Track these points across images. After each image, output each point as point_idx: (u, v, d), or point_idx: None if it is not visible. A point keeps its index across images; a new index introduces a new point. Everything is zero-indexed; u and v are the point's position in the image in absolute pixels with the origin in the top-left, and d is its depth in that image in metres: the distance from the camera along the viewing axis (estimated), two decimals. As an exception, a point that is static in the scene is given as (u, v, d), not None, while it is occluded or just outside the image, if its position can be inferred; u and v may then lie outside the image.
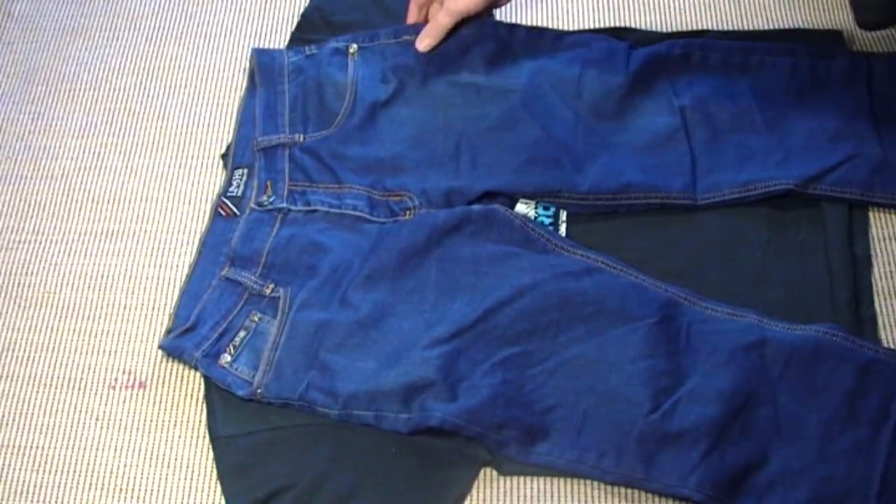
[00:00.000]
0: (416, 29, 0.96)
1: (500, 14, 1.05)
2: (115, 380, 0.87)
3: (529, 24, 1.03)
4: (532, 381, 0.77)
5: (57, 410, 0.86)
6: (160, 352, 0.85)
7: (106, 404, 0.86)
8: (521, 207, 0.88)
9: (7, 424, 0.86)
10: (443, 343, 0.78)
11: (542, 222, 0.87)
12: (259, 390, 0.79)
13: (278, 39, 1.06)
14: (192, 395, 0.85)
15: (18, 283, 0.94)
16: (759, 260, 0.85)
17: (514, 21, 1.04)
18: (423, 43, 0.94)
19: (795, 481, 0.72)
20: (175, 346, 0.83)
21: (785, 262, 0.85)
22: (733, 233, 0.87)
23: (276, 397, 0.79)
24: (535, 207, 0.88)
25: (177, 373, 0.86)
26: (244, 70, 1.04)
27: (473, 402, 0.75)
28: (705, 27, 1.02)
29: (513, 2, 1.06)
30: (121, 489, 0.81)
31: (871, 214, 0.88)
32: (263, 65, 0.97)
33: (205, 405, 0.83)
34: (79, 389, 0.87)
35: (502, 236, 0.84)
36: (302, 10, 1.06)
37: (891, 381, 0.76)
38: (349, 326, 0.81)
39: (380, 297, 0.83)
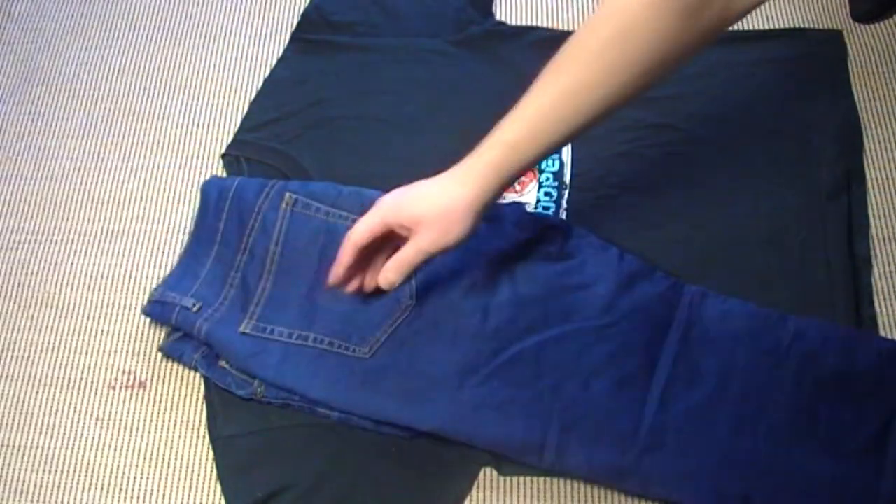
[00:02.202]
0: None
1: (500, 15, 1.05)
2: (115, 380, 0.87)
3: (529, 23, 1.04)
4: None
5: (57, 410, 0.86)
6: (160, 352, 0.85)
7: (106, 404, 0.86)
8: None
9: (7, 424, 0.86)
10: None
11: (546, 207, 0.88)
12: (259, 390, 0.79)
13: (278, 39, 1.06)
14: (192, 395, 0.85)
15: (18, 283, 0.94)
16: (759, 260, 0.85)
17: (513, 21, 1.04)
18: (388, 283, 0.72)
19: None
20: (175, 349, 0.83)
21: (785, 262, 0.85)
22: (734, 233, 0.87)
23: (276, 397, 0.79)
24: (538, 191, 0.89)
25: (177, 373, 0.86)
26: (244, 70, 1.04)
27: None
28: (705, 27, 1.02)
29: (514, 2, 1.06)
30: (121, 489, 0.81)
31: (871, 214, 0.88)
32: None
33: (205, 405, 0.83)
34: (79, 389, 0.87)
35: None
36: (302, 10, 1.06)
37: None
38: None
39: None
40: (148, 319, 0.89)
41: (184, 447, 0.83)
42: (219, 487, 0.79)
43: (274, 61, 1.03)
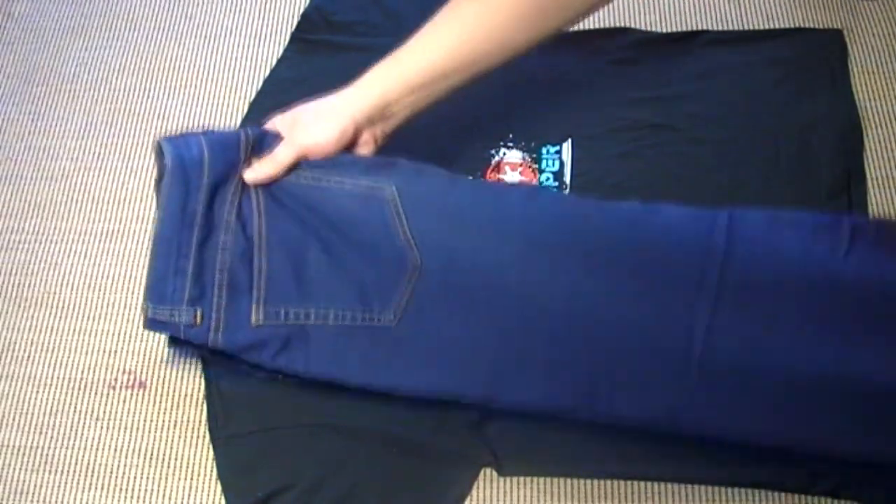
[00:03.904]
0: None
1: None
2: (115, 380, 0.87)
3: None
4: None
5: (57, 410, 0.86)
6: (160, 352, 0.85)
7: (106, 404, 0.86)
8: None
9: (7, 424, 0.86)
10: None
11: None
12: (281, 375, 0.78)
13: (278, 39, 1.06)
14: (192, 395, 0.85)
15: (18, 283, 0.94)
16: None
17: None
18: (252, 175, 0.76)
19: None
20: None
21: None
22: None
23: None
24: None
25: (177, 373, 0.86)
26: (244, 70, 1.05)
27: None
28: (705, 27, 1.02)
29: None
30: (121, 489, 0.81)
31: (871, 214, 0.88)
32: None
33: (205, 405, 0.83)
34: (79, 389, 0.87)
35: None
36: (302, 10, 1.06)
37: None
38: None
39: None
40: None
41: (184, 447, 0.83)
42: (219, 487, 0.79)
43: (274, 61, 1.03)
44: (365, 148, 0.78)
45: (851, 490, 0.75)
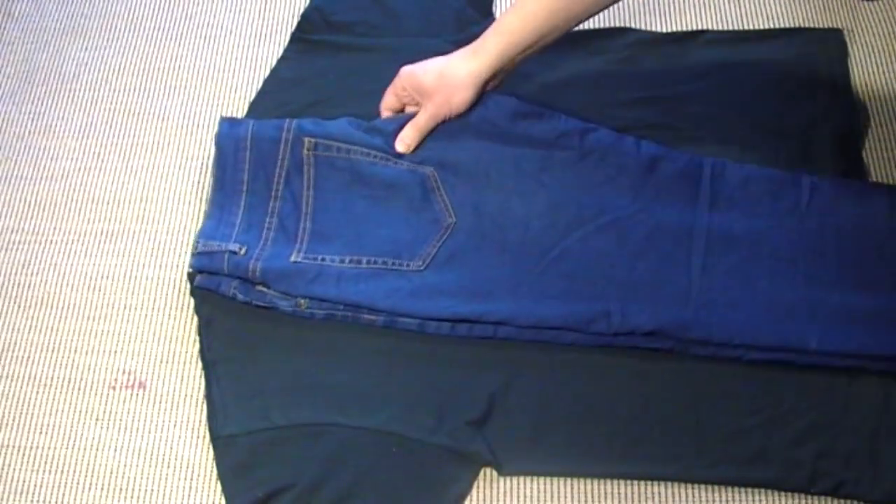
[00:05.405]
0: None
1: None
2: (115, 380, 0.87)
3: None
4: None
5: (57, 410, 0.86)
6: (160, 352, 0.85)
7: (106, 404, 0.86)
8: None
9: (7, 424, 0.86)
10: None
11: None
12: (303, 302, 0.83)
13: (278, 39, 1.06)
14: (192, 395, 0.85)
15: (18, 283, 0.94)
16: None
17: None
18: (404, 145, 0.88)
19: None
20: (211, 282, 0.85)
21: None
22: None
23: (319, 308, 0.83)
24: None
25: (177, 373, 0.86)
26: (244, 70, 1.05)
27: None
28: (705, 27, 1.02)
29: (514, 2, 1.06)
30: (121, 489, 0.81)
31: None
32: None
33: (205, 405, 0.83)
34: (79, 389, 0.87)
35: None
36: (302, 10, 1.06)
37: None
38: None
39: None
40: (148, 319, 0.89)
41: (184, 447, 0.83)
42: (219, 487, 0.79)
43: (274, 61, 1.03)
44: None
45: (851, 490, 0.75)
